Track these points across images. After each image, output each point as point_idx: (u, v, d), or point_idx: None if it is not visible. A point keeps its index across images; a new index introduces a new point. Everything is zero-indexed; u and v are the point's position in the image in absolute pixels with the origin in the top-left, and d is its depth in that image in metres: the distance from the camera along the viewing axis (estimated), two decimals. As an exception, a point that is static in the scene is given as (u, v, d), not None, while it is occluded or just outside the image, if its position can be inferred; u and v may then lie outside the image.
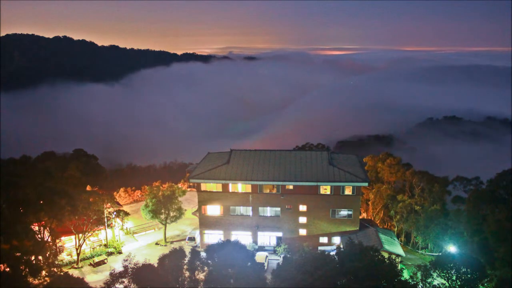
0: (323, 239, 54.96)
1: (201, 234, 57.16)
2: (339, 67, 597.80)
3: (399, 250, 49.39)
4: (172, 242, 58.76)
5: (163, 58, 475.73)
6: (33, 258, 37.03)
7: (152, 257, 40.25)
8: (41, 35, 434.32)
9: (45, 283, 33.00)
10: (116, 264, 49.44)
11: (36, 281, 33.15)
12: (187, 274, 32.30)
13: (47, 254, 41.88)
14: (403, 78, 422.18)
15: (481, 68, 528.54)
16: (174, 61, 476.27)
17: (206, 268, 32.58)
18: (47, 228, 44.42)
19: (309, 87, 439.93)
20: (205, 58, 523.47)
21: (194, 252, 33.51)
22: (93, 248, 55.13)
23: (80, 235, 50.76)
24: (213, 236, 55.28)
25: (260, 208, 55.31)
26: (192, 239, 56.40)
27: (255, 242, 55.82)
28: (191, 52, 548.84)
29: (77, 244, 51.10)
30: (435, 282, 34.81)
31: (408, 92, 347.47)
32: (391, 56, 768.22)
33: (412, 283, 33.97)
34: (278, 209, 55.06)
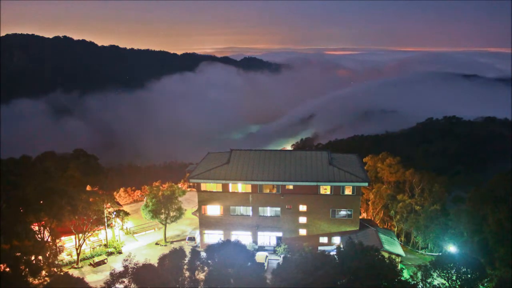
0: (323, 239, 54.95)
1: (201, 234, 57.16)
2: (341, 69, 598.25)
3: (399, 250, 49.39)
4: (172, 242, 58.75)
5: (163, 58, 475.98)
6: (33, 258, 36.99)
7: (152, 257, 40.24)
8: (41, 35, 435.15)
9: (45, 283, 32.97)
10: (116, 264, 49.43)
11: (36, 281, 33.11)
12: (187, 274, 32.28)
13: (47, 254, 41.85)
14: (404, 79, 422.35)
15: (481, 68, 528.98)
16: (174, 61, 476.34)
17: (206, 268, 32.56)
18: (47, 228, 44.42)
19: (311, 88, 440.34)
20: (205, 59, 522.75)
21: (194, 252, 33.48)
22: (93, 248, 55.11)
23: (80, 235, 50.75)
24: (213, 236, 55.26)
25: (260, 208, 55.30)
26: (192, 239, 56.38)
27: (255, 242, 55.81)
28: (191, 52, 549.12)
29: (77, 244, 51.10)
30: (435, 282, 34.80)
31: (408, 93, 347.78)
32: (393, 57, 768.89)
33: (412, 283, 33.96)
34: (278, 209, 55.05)
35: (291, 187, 54.02)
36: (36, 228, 44.05)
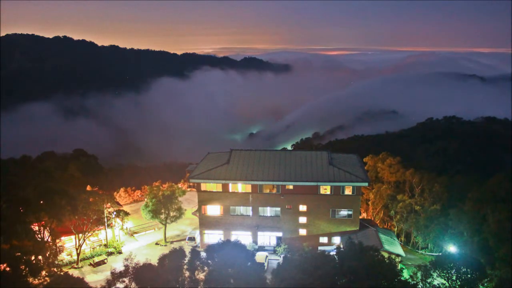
0: (323, 239, 54.96)
1: (201, 234, 57.16)
2: (340, 69, 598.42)
3: (399, 250, 49.40)
4: (172, 242, 58.76)
5: (163, 58, 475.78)
6: (33, 258, 37.02)
7: (152, 257, 40.25)
8: (41, 35, 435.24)
9: (45, 283, 32.97)
10: (116, 264, 49.42)
11: (36, 281, 33.13)
12: (187, 274, 32.29)
13: (47, 254, 41.90)
14: (404, 79, 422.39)
15: (481, 68, 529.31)
16: (174, 61, 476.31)
17: (206, 268, 32.57)
18: (47, 228, 44.44)
19: (311, 88, 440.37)
20: (205, 59, 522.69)
21: (194, 252, 33.49)
22: (93, 248, 55.12)
23: (80, 235, 50.75)
24: (213, 236, 55.27)
25: (260, 208, 55.30)
26: (192, 239, 56.40)
27: (255, 242, 55.82)
28: (191, 52, 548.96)
29: (77, 244, 51.09)
30: (435, 282, 34.80)
31: (408, 93, 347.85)
32: (393, 57, 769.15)
33: (412, 283, 33.96)
34: (278, 209, 55.05)
35: (291, 187, 54.02)
36: (36, 228, 44.04)
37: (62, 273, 35.01)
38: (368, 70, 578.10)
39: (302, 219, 54.93)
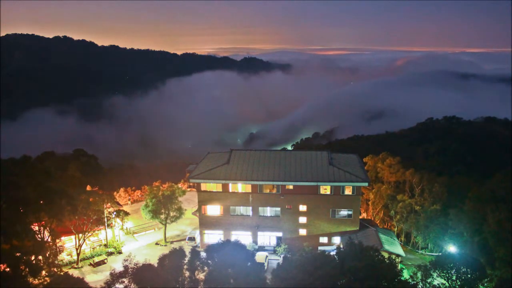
0: (323, 239, 54.96)
1: (201, 234, 57.16)
2: (340, 69, 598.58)
3: (399, 250, 49.39)
4: (172, 242, 58.76)
5: (163, 58, 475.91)
6: (33, 258, 36.99)
7: (152, 257, 40.27)
8: (41, 35, 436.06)
9: (45, 283, 32.99)
10: (116, 264, 49.42)
11: (36, 281, 33.13)
12: (187, 274, 32.29)
13: (47, 254, 41.82)
14: (404, 79, 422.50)
15: (480, 68, 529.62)
16: (174, 61, 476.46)
17: (206, 268, 32.57)
18: (47, 228, 44.41)
19: (311, 88, 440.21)
20: (205, 59, 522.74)
21: (194, 252, 33.49)
22: (93, 248, 55.12)
23: (80, 235, 50.76)
24: (213, 236, 55.27)
25: (260, 208, 55.30)
26: (192, 239, 56.41)
27: (255, 242, 55.82)
28: (191, 52, 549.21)
29: (77, 244, 51.10)
30: (435, 282, 34.82)
31: (408, 93, 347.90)
32: (393, 57, 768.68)
33: (412, 283, 33.96)
34: (278, 209, 55.04)
35: (291, 187, 54.01)
36: (36, 228, 44.03)
37: (62, 273, 35.08)
38: (368, 70, 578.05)
39: (302, 219, 54.93)
